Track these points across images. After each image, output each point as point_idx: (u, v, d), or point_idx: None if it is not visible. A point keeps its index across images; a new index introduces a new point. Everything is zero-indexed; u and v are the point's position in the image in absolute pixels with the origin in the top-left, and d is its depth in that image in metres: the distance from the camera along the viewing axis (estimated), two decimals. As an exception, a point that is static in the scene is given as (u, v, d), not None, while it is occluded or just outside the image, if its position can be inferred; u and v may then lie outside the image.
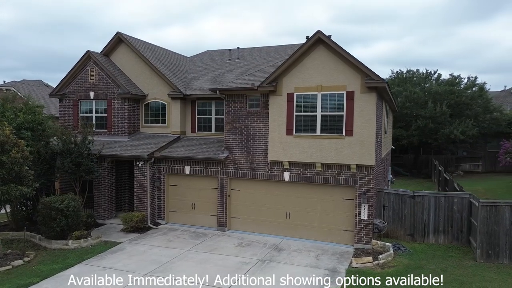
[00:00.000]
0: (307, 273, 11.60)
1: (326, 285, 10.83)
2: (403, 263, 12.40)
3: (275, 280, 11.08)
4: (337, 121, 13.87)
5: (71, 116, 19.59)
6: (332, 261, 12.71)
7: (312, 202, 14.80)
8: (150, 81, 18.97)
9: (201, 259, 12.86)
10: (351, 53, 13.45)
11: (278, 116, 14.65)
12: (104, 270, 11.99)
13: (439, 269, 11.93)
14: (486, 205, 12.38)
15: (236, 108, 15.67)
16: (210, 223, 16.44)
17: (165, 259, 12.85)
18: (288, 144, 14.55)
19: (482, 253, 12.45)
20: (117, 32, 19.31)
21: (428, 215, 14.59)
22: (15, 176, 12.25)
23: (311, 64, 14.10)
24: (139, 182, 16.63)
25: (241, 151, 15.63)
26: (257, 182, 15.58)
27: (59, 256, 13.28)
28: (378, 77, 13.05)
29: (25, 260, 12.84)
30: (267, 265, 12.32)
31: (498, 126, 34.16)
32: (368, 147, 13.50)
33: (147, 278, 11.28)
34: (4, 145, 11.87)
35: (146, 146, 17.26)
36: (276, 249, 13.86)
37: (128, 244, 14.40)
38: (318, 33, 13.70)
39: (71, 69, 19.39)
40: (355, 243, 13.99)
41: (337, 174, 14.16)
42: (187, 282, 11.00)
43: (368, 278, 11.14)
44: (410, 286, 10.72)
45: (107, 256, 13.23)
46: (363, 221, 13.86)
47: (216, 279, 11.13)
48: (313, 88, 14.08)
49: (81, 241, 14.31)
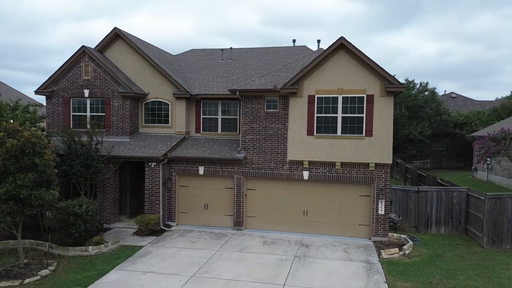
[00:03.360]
0: (347, 266, 12.32)
1: (371, 275, 11.60)
2: (424, 252, 13.61)
3: (325, 273, 11.64)
4: (357, 122, 14.76)
5: (61, 114, 18.37)
6: (360, 253, 13.56)
7: (329, 200, 15.56)
8: (151, 79, 18.45)
9: (237, 258, 13.00)
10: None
11: (298, 117, 15.18)
12: (145, 274, 11.68)
13: (457, 256, 13.33)
14: (491, 197, 14.03)
15: (253, 109, 15.92)
16: (225, 223, 16.50)
17: (201, 260, 12.79)
18: (309, 144, 15.15)
19: (488, 240, 14.10)
20: (114, 27, 18.50)
21: (431, 208, 16.07)
22: (46, 179, 11.43)
23: (332, 68, 14.83)
24: (150, 184, 16.17)
25: (259, 151, 15.93)
26: (274, 181, 15.97)
27: (85, 263, 12.59)
28: (398, 82, 14.16)
29: (50, 269, 12.02)
30: (305, 260, 12.82)
31: (447, 127, 37.87)
32: (387, 147, 14.57)
33: (199, 279, 11.21)
34: (36, 146, 11.03)
35: (154, 146, 16.82)
36: (303, 245, 14.40)
37: (151, 248, 14.03)
38: (341, 39, 14.47)
39: (62, 64, 18.19)
40: (372, 236, 15.00)
41: (356, 172, 15.06)
42: (241, 281, 11.13)
43: (403, 267, 12.15)
44: (445, 270, 11.88)
45: (137, 260, 12.82)
46: (380, 216, 14.91)
47: (268, 277, 11.42)
48: (334, 91, 14.83)
49: (101, 246, 13.66)
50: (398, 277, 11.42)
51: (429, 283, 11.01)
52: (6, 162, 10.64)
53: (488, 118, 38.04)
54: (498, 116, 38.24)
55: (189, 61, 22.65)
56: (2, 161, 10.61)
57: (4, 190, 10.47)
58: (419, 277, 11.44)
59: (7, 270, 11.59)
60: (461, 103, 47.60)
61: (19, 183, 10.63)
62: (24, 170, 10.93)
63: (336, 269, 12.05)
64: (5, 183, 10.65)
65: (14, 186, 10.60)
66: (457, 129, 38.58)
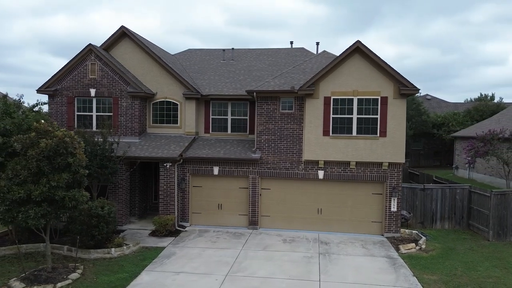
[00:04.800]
0: (372, 261, 12.82)
1: (398, 269, 12.14)
2: (437, 246, 14.36)
3: (353, 269, 12.07)
4: (371, 123, 15.33)
5: (65, 114, 17.88)
6: (379, 249, 14.13)
7: (343, 198, 16.06)
8: (160, 79, 18.28)
9: (265, 256, 13.20)
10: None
11: (314, 118, 15.58)
12: (178, 274, 11.68)
13: (468, 249, 14.16)
14: (497, 194, 15.00)
15: (269, 110, 16.17)
16: (239, 223, 16.65)
17: (229, 259, 12.90)
18: (325, 144, 15.58)
19: (494, 234, 15.06)
20: (122, 26, 18.21)
21: (436, 205, 16.92)
22: (77, 180, 11.18)
23: (348, 70, 15.33)
24: (165, 184, 16.06)
25: (274, 151, 16.19)
26: (289, 180, 16.29)
27: (111, 265, 12.40)
28: (412, 85, 14.84)
29: (79, 272, 11.76)
30: (330, 257, 13.22)
31: (426, 128, 39.58)
32: (400, 146, 15.25)
33: (235, 278, 11.34)
34: (68, 146, 10.77)
35: (167, 147, 16.71)
36: (322, 242, 14.80)
37: (174, 248, 13.97)
38: (357, 43, 14.99)
39: (67, 63, 17.72)
40: (385, 233, 15.63)
41: (369, 171, 15.64)
42: (277, 278, 11.36)
43: (424, 261, 12.80)
44: (463, 262, 12.62)
45: (164, 261, 12.76)
46: (393, 213, 15.57)
47: (301, 274, 11.73)
48: (349, 93, 15.34)
49: (123, 248, 13.49)
50: (423, 271, 12.03)
51: (454, 275, 11.68)
52: (39, 163, 10.35)
53: (463, 119, 40.06)
54: (472, 118, 40.44)
55: (190, 61, 22.55)
56: (35, 161, 10.31)
57: (39, 191, 10.17)
58: (442, 270, 12.10)
59: (35, 275, 11.23)
60: (436, 105, 49.78)
61: (54, 184, 10.36)
62: (57, 171, 10.67)
63: (362, 265, 12.52)
64: (39, 184, 10.35)
65: (49, 187, 10.32)
66: (435, 129, 40.41)
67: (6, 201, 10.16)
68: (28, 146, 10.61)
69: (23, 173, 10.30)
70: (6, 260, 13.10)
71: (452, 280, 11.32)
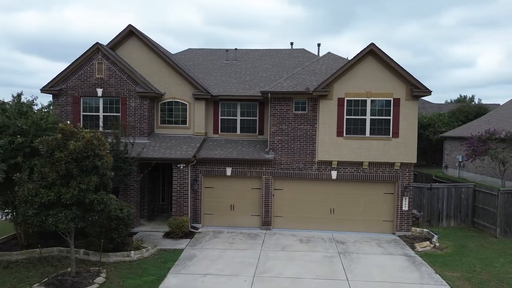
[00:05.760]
0: (391, 260, 13.09)
1: (419, 267, 12.43)
2: (449, 244, 14.78)
3: (377, 268, 12.29)
4: (384, 124, 15.63)
5: (70, 114, 17.43)
6: (394, 247, 14.42)
7: (355, 198, 16.31)
8: (168, 79, 18.06)
9: (286, 257, 13.26)
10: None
11: (328, 119, 15.75)
12: (205, 276, 11.60)
13: (479, 246, 14.65)
14: (504, 192, 15.57)
15: (282, 111, 16.24)
16: (251, 223, 16.66)
17: (252, 260, 12.90)
18: (338, 145, 15.78)
19: (501, 231, 15.63)
20: (129, 25, 17.90)
21: (442, 204, 17.40)
22: (104, 183, 10.94)
23: (361, 72, 15.57)
24: (178, 186, 15.89)
25: (287, 152, 16.28)
26: (302, 181, 16.41)
27: (134, 269, 12.19)
28: (424, 87, 15.22)
29: (103, 276, 11.51)
30: (350, 256, 13.41)
31: (414, 128, 40.47)
32: (412, 147, 15.60)
33: (263, 278, 11.34)
34: (96, 148, 10.52)
35: (179, 147, 16.54)
36: (338, 242, 14.98)
37: (193, 250, 13.85)
38: (372, 45, 15.25)
39: (73, 61, 17.27)
40: (397, 231, 15.97)
41: (382, 171, 15.94)
42: (305, 278, 11.44)
43: (442, 259, 13.16)
44: (479, 259, 13.05)
45: (187, 263, 12.63)
46: (404, 212, 15.92)
47: (327, 273, 11.86)
48: (363, 94, 15.59)
49: (142, 251, 13.27)
50: (443, 268, 12.36)
51: (474, 272, 12.07)
52: (68, 166, 10.07)
53: (448, 120, 41.25)
54: (457, 118, 41.72)
55: (192, 61, 22.37)
56: (64, 164, 10.03)
57: (70, 194, 9.90)
58: (461, 266, 12.48)
59: (59, 280, 10.93)
60: (420, 105, 50.84)
61: (83, 187, 10.10)
62: (84, 173, 10.41)
63: (384, 263, 12.76)
64: (68, 187, 10.07)
65: (79, 190, 10.06)
66: (421, 130, 41.39)
67: (35, 205, 9.84)
68: (54, 148, 10.31)
69: (52, 176, 10.00)
70: (20, 265, 12.68)
71: (474, 276, 11.70)
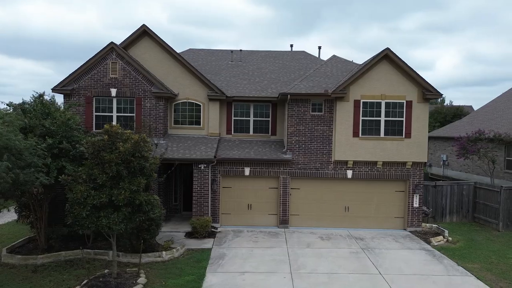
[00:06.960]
0: (413, 254, 13.83)
1: (440, 260, 13.23)
2: (459, 238, 15.73)
3: (402, 261, 12.97)
4: (397, 125, 16.40)
5: (83, 114, 17.14)
6: (411, 242, 15.20)
7: (369, 196, 17.01)
8: (182, 80, 18.10)
9: (314, 254, 13.72)
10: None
11: (345, 120, 16.35)
12: (243, 274, 11.87)
13: (486, 239, 15.69)
14: (506, 189, 16.72)
15: (299, 112, 16.68)
16: (268, 222, 17.02)
17: (283, 257, 13.27)
18: (354, 145, 16.41)
19: (504, 225, 16.78)
20: (143, 24, 17.80)
21: (445, 200, 18.43)
22: (148, 184, 10.99)
23: (376, 76, 16.27)
24: (199, 186, 16.01)
25: (305, 152, 16.74)
26: (318, 180, 16.93)
27: (170, 269, 12.26)
28: (435, 90, 16.09)
29: (143, 277, 11.54)
30: (372, 251, 14.04)
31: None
32: (423, 147, 16.45)
33: (301, 275, 11.73)
34: (142, 150, 10.57)
35: (197, 148, 16.64)
36: (357, 238, 15.60)
37: (220, 249, 14.06)
38: (387, 50, 15.97)
39: (86, 61, 16.99)
40: (408, 227, 16.80)
41: (394, 170, 16.72)
42: (340, 274, 11.93)
43: (459, 252, 14.05)
44: (492, 251, 14.02)
45: (220, 262, 12.84)
46: (415, 208, 16.77)
47: (359, 268, 12.42)
48: (378, 97, 16.29)
49: (173, 251, 13.35)
50: (462, 260, 13.21)
51: (491, 263, 12.99)
52: (118, 167, 10.09)
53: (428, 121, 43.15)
54: (436, 119, 43.73)
55: (196, 62, 22.36)
56: (115, 166, 10.04)
57: (123, 196, 9.93)
58: (478, 258, 13.38)
59: (102, 282, 10.89)
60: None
61: (134, 189, 10.15)
62: (132, 174, 10.45)
63: (407, 257, 13.47)
64: (119, 189, 10.08)
65: (130, 191, 10.10)
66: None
67: (87, 206, 9.79)
68: (101, 149, 10.29)
69: (102, 178, 9.98)
70: (48, 268, 12.42)
71: (494, 267, 12.60)
